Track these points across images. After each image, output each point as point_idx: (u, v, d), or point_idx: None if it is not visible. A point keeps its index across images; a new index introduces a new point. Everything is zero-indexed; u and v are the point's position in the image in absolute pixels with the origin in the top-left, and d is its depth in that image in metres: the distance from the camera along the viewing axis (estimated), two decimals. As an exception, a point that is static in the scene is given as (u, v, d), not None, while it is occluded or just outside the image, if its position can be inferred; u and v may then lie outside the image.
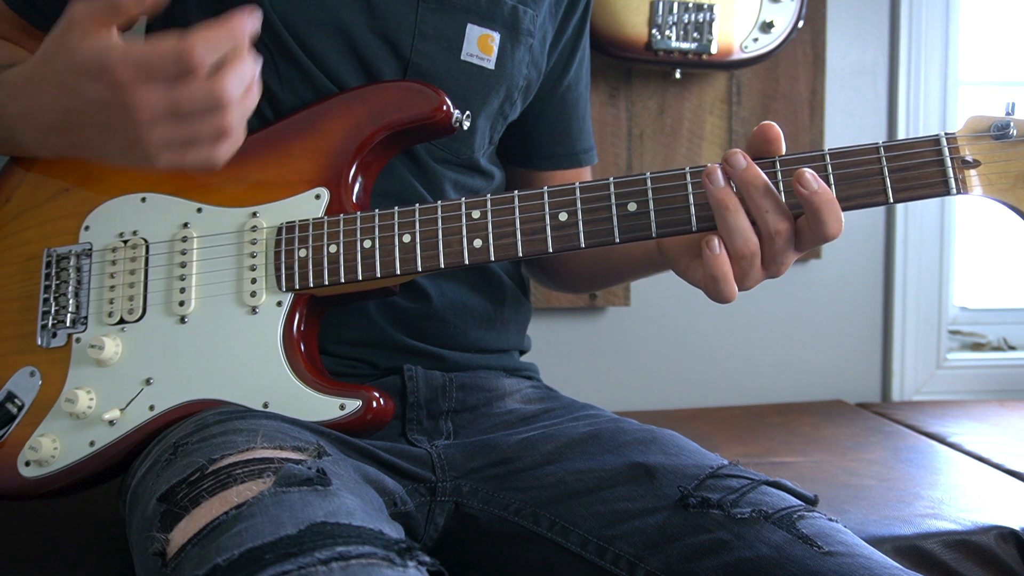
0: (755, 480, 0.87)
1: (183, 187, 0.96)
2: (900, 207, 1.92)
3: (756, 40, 1.67)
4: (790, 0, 1.66)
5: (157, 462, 0.81)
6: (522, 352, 1.16)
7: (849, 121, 1.90)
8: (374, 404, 0.89)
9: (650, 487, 0.88)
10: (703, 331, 1.88)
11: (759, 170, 0.79)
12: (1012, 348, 2.03)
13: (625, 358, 1.86)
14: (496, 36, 1.02)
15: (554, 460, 0.94)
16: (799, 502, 0.85)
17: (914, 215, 1.92)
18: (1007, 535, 1.13)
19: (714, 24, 1.64)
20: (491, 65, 1.02)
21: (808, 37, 1.83)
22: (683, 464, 0.90)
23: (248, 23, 0.77)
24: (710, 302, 1.78)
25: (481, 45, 1.01)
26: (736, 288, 0.82)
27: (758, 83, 1.83)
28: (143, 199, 0.96)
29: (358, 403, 0.89)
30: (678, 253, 0.90)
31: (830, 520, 0.83)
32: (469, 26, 1.00)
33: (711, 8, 1.64)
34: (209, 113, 0.77)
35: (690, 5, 1.63)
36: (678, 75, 1.74)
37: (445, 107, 0.93)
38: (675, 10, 1.63)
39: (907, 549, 1.10)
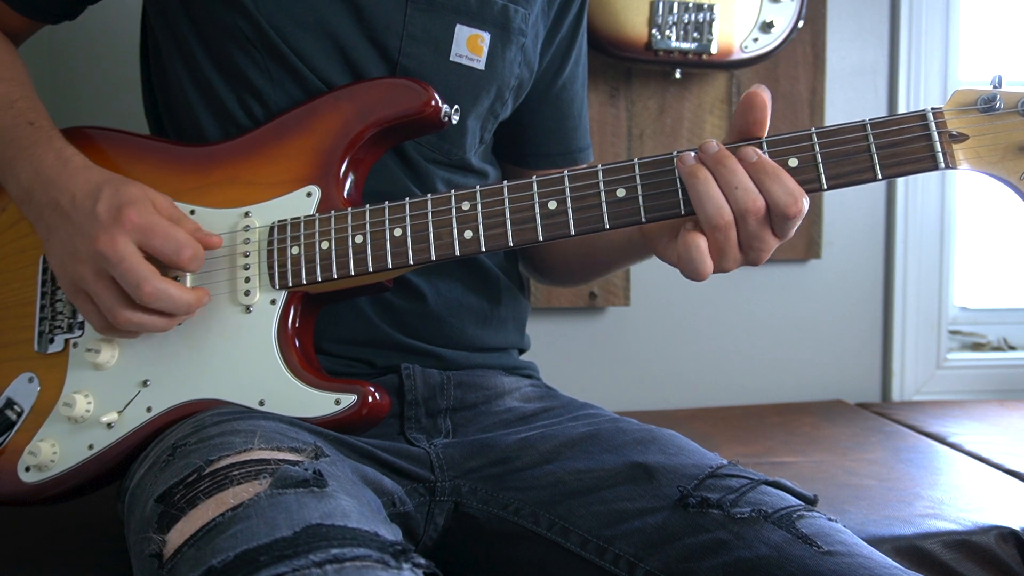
0: (754, 480, 0.87)
1: (176, 190, 0.96)
2: (900, 205, 1.92)
3: (756, 40, 1.67)
4: (790, 0, 1.66)
5: (156, 463, 0.81)
6: (521, 351, 1.16)
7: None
8: (369, 399, 0.89)
9: (649, 487, 0.88)
10: (703, 331, 1.88)
11: (728, 151, 0.80)
12: (1012, 348, 2.03)
13: (625, 358, 1.86)
14: (486, 36, 1.01)
15: (553, 459, 0.94)
16: (798, 502, 0.85)
17: (914, 215, 1.92)
18: (1007, 535, 1.13)
19: (714, 24, 1.64)
20: (481, 66, 1.01)
21: (808, 37, 1.83)
22: (682, 464, 0.90)
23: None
24: (710, 302, 1.78)
25: (471, 46, 1.01)
26: (711, 264, 0.81)
27: (758, 83, 1.83)
28: None
29: (353, 398, 0.89)
30: (657, 233, 0.89)
31: (830, 520, 0.83)
32: (458, 27, 1.00)
33: (711, 8, 1.63)
34: (132, 291, 0.85)
35: (690, 5, 1.63)
36: (678, 75, 1.74)
37: (433, 102, 0.93)
38: (675, 10, 1.63)
39: (907, 549, 1.10)
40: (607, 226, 0.84)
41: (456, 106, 0.97)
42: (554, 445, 0.95)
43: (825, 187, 0.80)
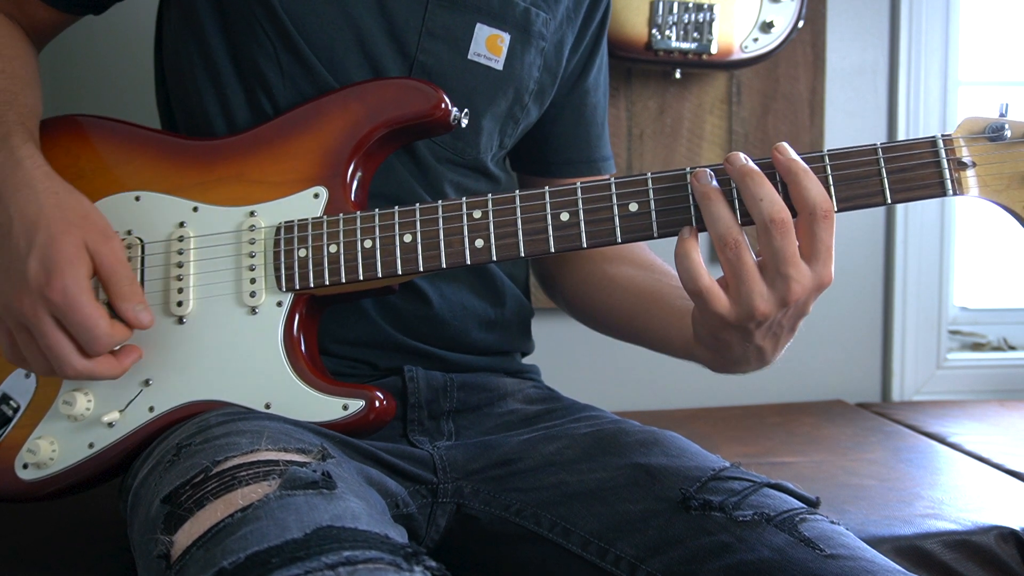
0: (757, 482, 0.87)
1: (178, 186, 0.95)
2: (900, 205, 1.92)
3: (756, 40, 1.67)
4: (790, 0, 1.66)
5: (160, 463, 0.81)
6: (524, 354, 1.16)
7: (849, 121, 1.90)
8: (376, 404, 0.89)
9: (651, 489, 0.88)
10: (703, 331, 1.88)
11: (755, 164, 0.79)
12: (1012, 348, 2.03)
13: (625, 358, 1.86)
14: (506, 37, 1.01)
15: (555, 461, 0.94)
16: (801, 504, 0.85)
17: (914, 215, 1.92)
18: (1007, 535, 1.13)
19: (714, 24, 1.64)
20: (499, 66, 1.01)
21: (808, 37, 1.83)
22: (685, 466, 0.90)
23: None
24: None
25: (490, 45, 1.00)
26: (725, 297, 0.79)
27: (758, 83, 1.83)
28: (137, 198, 0.96)
29: (361, 403, 0.89)
30: (700, 353, 0.90)
31: (832, 523, 0.83)
32: (478, 26, 0.99)
33: (711, 8, 1.63)
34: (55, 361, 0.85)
35: (690, 5, 1.63)
36: (678, 75, 1.74)
37: (443, 105, 0.93)
38: (675, 10, 1.63)
39: (907, 549, 1.10)
40: (619, 240, 0.84)
41: (466, 109, 0.96)
42: (556, 447, 0.95)
43: (836, 210, 0.80)
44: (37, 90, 1.02)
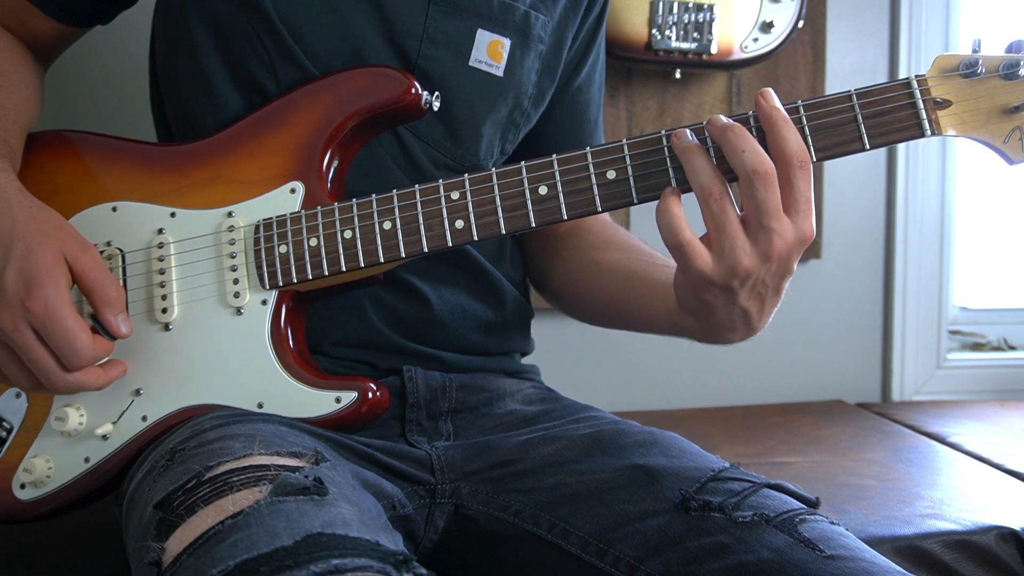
0: (756, 483, 0.87)
1: (154, 193, 0.94)
2: (900, 205, 1.91)
3: (756, 40, 1.67)
4: (790, 0, 1.66)
5: (154, 468, 0.81)
6: (524, 354, 1.15)
7: (849, 121, 1.90)
8: (370, 395, 0.89)
9: (651, 490, 0.87)
10: (703, 331, 1.88)
11: (735, 122, 0.79)
12: (1012, 348, 2.03)
13: (625, 358, 1.86)
14: (507, 43, 1.00)
15: (554, 462, 0.94)
16: (801, 505, 0.85)
17: (914, 215, 1.92)
18: (1007, 535, 1.13)
19: (714, 24, 1.64)
20: (500, 72, 1.00)
21: (808, 37, 1.83)
22: (684, 467, 0.89)
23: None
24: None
25: (491, 51, 1.00)
26: (707, 253, 0.79)
27: (758, 83, 1.83)
28: (113, 208, 0.95)
29: (354, 395, 0.88)
30: (685, 325, 0.90)
31: (832, 523, 0.83)
32: (479, 31, 0.99)
33: (711, 8, 1.63)
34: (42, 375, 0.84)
35: (690, 5, 1.63)
36: (678, 75, 1.74)
37: (414, 90, 0.92)
38: (675, 10, 1.63)
39: (907, 549, 1.10)
40: (599, 209, 0.84)
41: (437, 92, 0.95)
42: (556, 448, 0.95)
43: (815, 159, 0.80)
44: (32, 102, 1.01)
